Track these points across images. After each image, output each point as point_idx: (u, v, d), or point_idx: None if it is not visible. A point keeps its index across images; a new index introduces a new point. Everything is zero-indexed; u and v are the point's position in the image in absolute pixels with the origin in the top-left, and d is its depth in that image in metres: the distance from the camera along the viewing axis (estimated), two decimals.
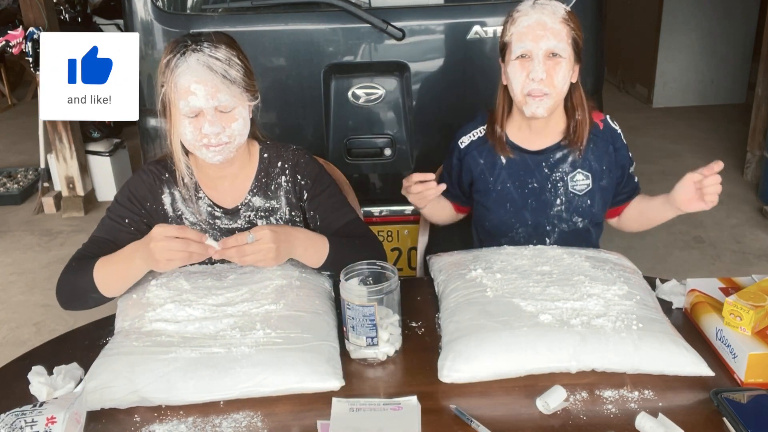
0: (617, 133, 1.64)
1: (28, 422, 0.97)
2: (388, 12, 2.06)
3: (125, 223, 1.41)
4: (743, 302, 1.17)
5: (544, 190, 1.61)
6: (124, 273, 1.29)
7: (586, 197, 1.61)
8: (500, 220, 1.64)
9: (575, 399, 1.10)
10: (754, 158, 4.08)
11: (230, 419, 1.08)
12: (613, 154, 1.62)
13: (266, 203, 1.47)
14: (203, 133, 1.32)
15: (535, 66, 1.46)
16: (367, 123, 2.16)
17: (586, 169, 1.60)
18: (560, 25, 1.46)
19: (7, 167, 4.72)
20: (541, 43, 1.45)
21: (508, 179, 1.62)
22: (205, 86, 1.29)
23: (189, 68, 1.29)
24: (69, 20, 4.83)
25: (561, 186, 1.60)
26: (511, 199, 1.62)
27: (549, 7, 1.48)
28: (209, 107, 1.31)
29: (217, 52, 1.31)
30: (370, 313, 1.18)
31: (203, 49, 1.30)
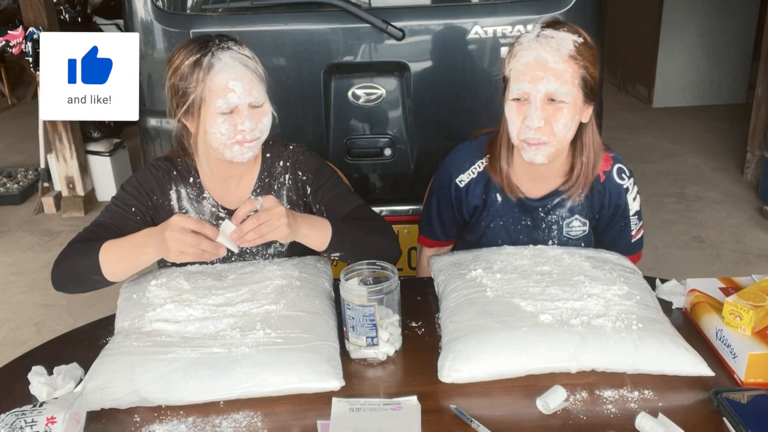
0: (621, 189, 1.50)
1: (28, 422, 0.97)
2: (388, 12, 2.06)
3: (131, 212, 1.41)
4: (743, 302, 1.17)
5: (537, 229, 1.54)
6: (134, 258, 1.28)
7: (581, 241, 1.55)
8: None
9: (575, 399, 1.10)
10: (754, 158, 4.08)
11: (230, 419, 1.08)
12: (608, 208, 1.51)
13: None
14: (239, 129, 1.33)
15: (532, 112, 1.30)
16: (367, 123, 2.16)
17: (584, 216, 1.52)
18: (565, 64, 1.29)
19: (7, 167, 4.72)
20: (540, 86, 1.29)
21: (502, 217, 1.54)
22: (242, 82, 1.31)
23: (226, 66, 1.31)
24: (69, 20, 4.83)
25: (555, 229, 1.53)
26: (503, 236, 1.55)
27: (554, 41, 1.29)
28: (245, 103, 1.32)
29: (244, 50, 1.35)
30: (370, 313, 1.18)
31: (232, 47, 1.33)
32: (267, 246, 1.51)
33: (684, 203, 3.90)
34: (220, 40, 1.34)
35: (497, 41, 2.06)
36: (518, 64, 1.32)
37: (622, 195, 1.52)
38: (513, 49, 1.35)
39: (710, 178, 4.21)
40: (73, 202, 4.04)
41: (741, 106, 5.39)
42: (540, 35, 1.31)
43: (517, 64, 1.33)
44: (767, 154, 3.75)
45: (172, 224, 1.19)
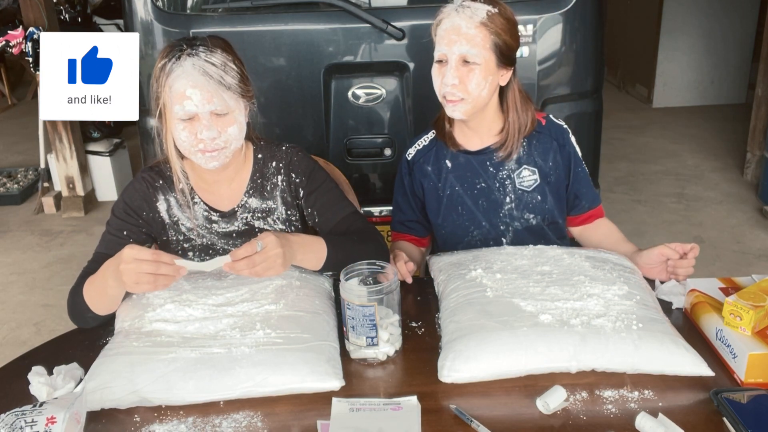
0: (563, 128, 1.62)
1: (28, 422, 0.97)
2: (388, 12, 2.06)
3: (124, 236, 1.41)
4: (743, 302, 1.17)
5: (492, 189, 1.60)
6: (103, 292, 1.27)
7: (536, 193, 1.60)
8: (455, 225, 1.62)
9: (575, 399, 1.10)
10: (754, 158, 4.08)
11: (230, 419, 1.08)
12: (558, 150, 1.60)
13: (263, 204, 1.47)
14: (199, 138, 1.31)
15: (447, 71, 1.46)
16: (367, 123, 2.16)
17: (532, 165, 1.59)
18: (476, 29, 1.43)
19: (7, 167, 4.72)
20: (455, 48, 1.44)
21: (456, 182, 1.61)
22: (200, 91, 1.29)
23: (184, 72, 1.29)
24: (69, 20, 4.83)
25: (509, 184, 1.59)
26: (462, 203, 1.61)
27: (469, 10, 1.44)
28: (204, 111, 1.30)
29: (213, 57, 1.31)
30: (370, 313, 1.18)
31: (199, 53, 1.30)
32: None
33: (684, 203, 3.91)
34: (192, 45, 1.31)
35: None
36: (440, 30, 1.48)
37: (566, 135, 1.62)
38: (437, 17, 1.50)
39: (710, 178, 4.21)
40: (73, 202, 4.04)
41: (741, 106, 5.39)
42: (460, 6, 1.47)
43: (439, 30, 1.49)
44: (767, 154, 3.75)
45: (123, 257, 1.17)
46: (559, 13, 2.07)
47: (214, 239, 1.47)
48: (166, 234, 1.47)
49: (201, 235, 1.47)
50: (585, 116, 2.18)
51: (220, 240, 1.48)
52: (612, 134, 4.85)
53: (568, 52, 2.12)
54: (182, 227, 1.46)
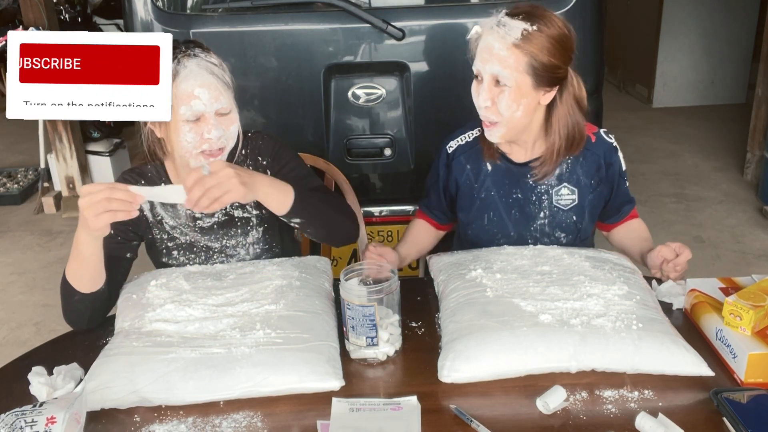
0: (612, 146, 1.56)
1: (28, 422, 0.97)
2: (388, 12, 2.06)
3: (111, 233, 1.39)
4: (743, 302, 1.17)
5: (528, 201, 1.55)
6: (77, 254, 1.26)
7: (571, 212, 1.56)
8: (482, 229, 1.60)
9: (575, 399, 1.10)
10: (754, 158, 4.08)
11: (230, 419, 1.08)
12: (605, 168, 1.55)
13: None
14: (205, 137, 1.32)
15: (482, 92, 1.41)
16: (367, 123, 2.16)
17: (573, 184, 1.54)
18: (508, 51, 1.36)
19: (7, 167, 4.72)
20: (487, 67, 1.39)
21: (493, 187, 1.57)
22: (209, 90, 1.31)
23: (191, 73, 1.30)
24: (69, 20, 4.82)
25: (545, 199, 1.55)
26: (494, 208, 1.58)
27: (503, 29, 1.37)
28: (211, 111, 1.31)
29: (211, 57, 1.34)
30: (370, 313, 1.18)
31: (197, 54, 1.32)
32: (245, 235, 1.50)
33: (684, 203, 3.91)
34: (187, 47, 1.33)
35: None
36: (476, 47, 1.44)
37: (614, 154, 1.57)
38: (476, 30, 1.45)
39: (710, 178, 4.21)
40: (73, 202, 4.04)
41: (741, 106, 5.39)
42: (497, 23, 1.40)
43: (475, 47, 1.44)
44: (767, 154, 3.75)
45: (81, 193, 1.17)
46: (559, 13, 2.07)
47: (197, 237, 1.48)
48: (150, 233, 1.48)
49: (184, 233, 1.48)
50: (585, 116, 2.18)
51: (203, 237, 1.49)
52: None
53: None
54: (166, 225, 1.47)
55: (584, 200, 1.55)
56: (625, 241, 1.62)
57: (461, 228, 1.67)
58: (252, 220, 1.50)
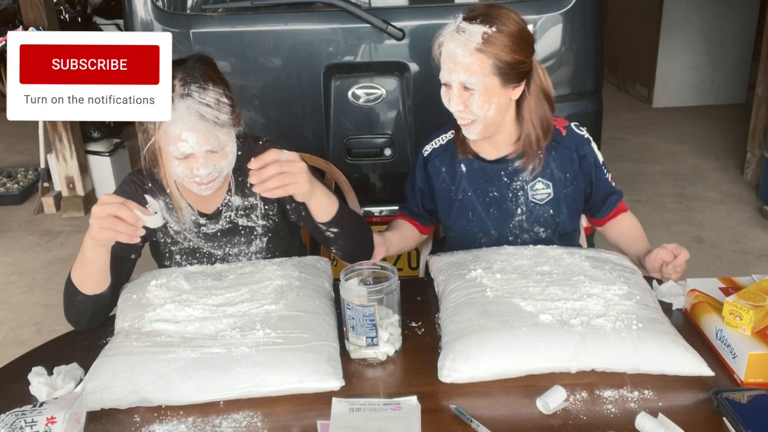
0: (583, 138, 1.57)
1: (28, 422, 0.97)
2: (388, 12, 2.06)
3: None
4: (743, 302, 1.17)
5: (504, 199, 1.57)
6: (83, 259, 1.28)
7: (548, 206, 1.57)
8: (463, 230, 1.61)
9: (575, 399, 1.10)
10: (754, 158, 4.08)
11: (230, 419, 1.08)
12: (578, 161, 1.56)
13: (244, 201, 1.48)
14: (194, 173, 1.31)
15: (452, 98, 1.44)
16: (367, 123, 2.16)
17: (547, 178, 1.55)
18: (472, 57, 1.38)
19: (7, 167, 4.72)
20: (453, 76, 1.41)
21: (469, 187, 1.59)
22: (196, 133, 1.27)
23: (180, 117, 1.26)
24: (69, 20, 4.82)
25: (521, 195, 1.56)
26: (472, 208, 1.59)
27: (464, 36, 1.39)
28: (200, 151, 1.29)
29: (207, 96, 1.27)
30: (370, 313, 1.18)
31: (192, 93, 1.26)
32: (248, 244, 1.50)
33: (684, 203, 3.91)
34: (184, 83, 1.26)
35: None
36: (439, 54, 1.45)
37: (586, 144, 1.58)
38: (437, 39, 1.45)
39: (710, 178, 4.21)
40: (73, 202, 4.04)
41: (741, 106, 5.39)
42: (456, 29, 1.41)
43: (439, 55, 1.45)
44: (767, 154, 3.75)
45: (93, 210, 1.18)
46: (559, 13, 2.07)
47: (200, 242, 1.48)
48: (155, 235, 1.47)
49: (187, 239, 1.47)
50: (585, 116, 2.18)
51: (206, 243, 1.48)
52: (612, 134, 4.84)
53: (568, 52, 2.12)
54: (170, 230, 1.47)
55: (560, 194, 1.57)
56: (621, 243, 1.63)
57: (445, 229, 1.69)
58: (256, 230, 1.50)
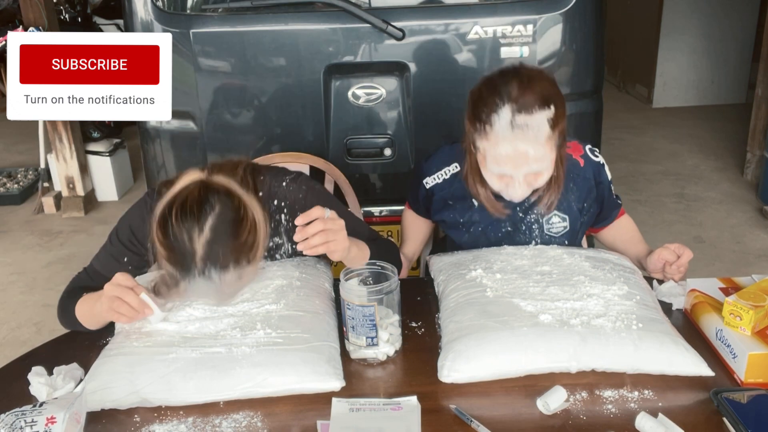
0: (600, 164, 1.53)
1: (28, 422, 0.97)
2: (388, 12, 2.06)
3: (124, 262, 1.39)
4: (743, 302, 1.17)
5: (517, 232, 1.52)
6: (92, 311, 1.29)
7: (563, 239, 1.53)
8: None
9: (575, 399, 1.10)
10: (754, 158, 4.08)
11: (230, 419, 1.08)
12: (595, 189, 1.53)
13: (269, 242, 1.40)
14: None
15: (516, 188, 1.36)
16: (367, 123, 2.16)
17: (563, 211, 1.51)
18: (544, 148, 1.30)
19: (7, 167, 4.72)
20: (523, 169, 1.33)
21: (481, 222, 1.52)
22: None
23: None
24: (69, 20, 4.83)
25: (536, 229, 1.51)
26: (484, 242, 1.53)
27: (531, 131, 1.28)
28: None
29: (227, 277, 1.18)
30: (370, 313, 1.18)
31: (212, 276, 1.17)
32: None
33: (684, 203, 3.90)
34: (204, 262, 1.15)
35: (497, 41, 2.06)
36: (495, 151, 1.32)
37: (602, 171, 1.55)
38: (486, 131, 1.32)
39: (710, 178, 4.21)
40: (73, 202, 4.04)
41: (741, 106, 5.39)
42: (514, 126, 1.29)
43: (494, 151, 1.33)
44: (767, 154, 3.75)
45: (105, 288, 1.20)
46: (559, 13, 2.07)
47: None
48: None
49: None
50: (585, 116, 2.18)
51: None
52: (612, 134, 4.84)
53: (568, 52, 2.12)
54: None
55: (576, 225, 1.53)
56: (617, 244, 1.61)
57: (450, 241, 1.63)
58: None
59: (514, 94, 1.30)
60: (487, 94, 1.33)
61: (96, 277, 1.40)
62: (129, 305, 1.18)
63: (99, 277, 1.39)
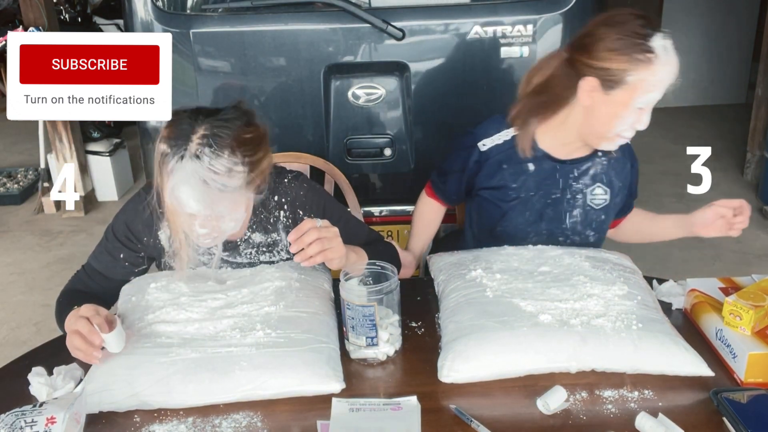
0: (631, 146, 1.59)
1: (28, 422, 0.97)
2: (388, 12, 2.06)
3: (120, 258, 1.39)
4: (743, 302, 1.17)
5: (563, 200, 1.54)
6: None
7: (602, 212, 1.56)
8: (516, 228, 1.56)
9: (575, 399, 1.10)
10: (754, 158, 4.08)
11: (230, 419, 1.08)
12: (629, 171, 1.60)
13: (267, 238, 1.43)
14: (192, 229, 1.27)
15: (645, 119, 1.40)
16: (367, 123, 2.16)
17: (606, 184, 1.55)
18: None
19: (7, 167, 4.72)
20: (656, 95, 1.40)
21: (533, 187, 1.53)
22: (198, 199, 1.21)
23: (185, 178, 1.19)
24: (69, 20, 4.83)
25: (580, 198, 1.54)
26: (530, 207, 1.55)
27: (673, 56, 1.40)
28: (201, 214, 1.24)
29: (217, 163, 1.19)
30: (369, 313, 1.18)
31: (203, 156, 1.18)
32: None
33: (684, 203, 3.90)
34: (201, 143, 1.18)
35: (497, 41, 2.06)
36: (654, 76, 1.38)
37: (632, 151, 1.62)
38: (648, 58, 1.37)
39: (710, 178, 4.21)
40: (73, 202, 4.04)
41: (741, 106, 5.39)
42: (667, 48, 1.38)
43: (653, 77, 1.37)
44: (767, 154, 3.75)
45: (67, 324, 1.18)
46: (559, 13, 2.07)
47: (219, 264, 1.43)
48: (164, 257, 1.44)
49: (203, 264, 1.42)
50: None
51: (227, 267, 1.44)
52: None
53: None
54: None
55: (613, 201, 1.57)
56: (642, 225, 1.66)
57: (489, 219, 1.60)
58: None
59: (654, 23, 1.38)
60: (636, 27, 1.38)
61: (93, 274, 1.40)
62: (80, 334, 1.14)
63: (96, 274, 1.40)
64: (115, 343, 1.16)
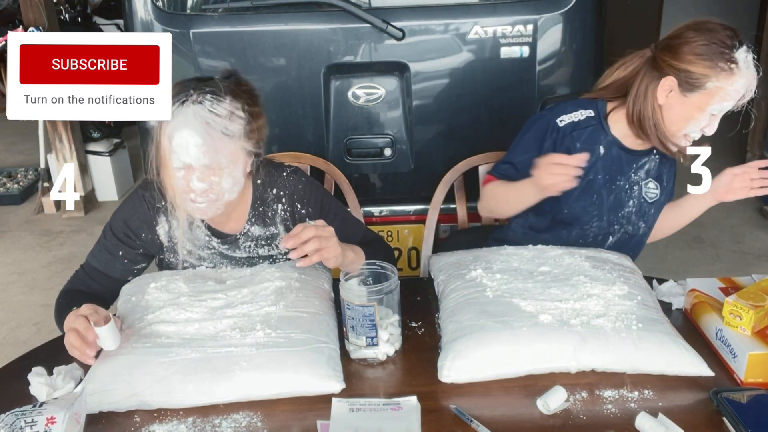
0: None
1: (28, 422, 0.97)
2: (388, 12, 2.06)
3: (119, 255, 1.40)
4: (743, 302, 1.17)
5: (624, 189, 1.57)
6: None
7: (653, 206, 1.61)
8: (582, 210, 1.56)
9: (575, 399, 1.10)
10: (754, 158, 4.07)
11: (230, 419, 1.08)
12: (673, 173, 1.65)
13: (266, 231, 1.44)
14: (190, 186, 1.27)
15: (714, 124, 1.45)
16: (367, 123, 2.16)
17: (658, 180, 1.60)
18: None
19: (7, 167, 4.72)
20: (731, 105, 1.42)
21: (601, 170, 1.54)
22: (197, 144, 1.23)
23: (185, 121, 1.22)
24: (69, 20, 4.82)
25: (636, 189, 1.58)
26: (597, 191, 1.56)
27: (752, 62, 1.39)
28: (197, 165, 1.25)
29: (219, 107, 1.24)
30: (369, 313, 1.18)
31: (205, 101, 1.23)
32: None
33: None
34: (201, 89, 1.24)
35: (497, 41, 2.06)
36: (732, 86, 1.38)
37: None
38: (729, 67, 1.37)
39: None
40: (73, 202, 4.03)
41: None
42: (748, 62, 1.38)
43: (730, 87, 1.38)
44: (767, 154, 3.75)
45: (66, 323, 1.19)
46: (559, 13, 2.07)
47: (217, 260, 1.44)
48: (163, 254, 1.45)
49: (202, 258, 1.43)
50: None
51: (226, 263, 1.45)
52: None
53: (568, 52, 2.12)
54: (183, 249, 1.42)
55: (662, 198, 1.62)
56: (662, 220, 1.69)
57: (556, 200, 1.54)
58: (278, 258, 1.47)
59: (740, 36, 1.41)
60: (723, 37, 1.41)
61: (93, 273, 1.40)
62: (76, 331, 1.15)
63: (95, 273, 1.40)
64: (108, 338, 1.16)
